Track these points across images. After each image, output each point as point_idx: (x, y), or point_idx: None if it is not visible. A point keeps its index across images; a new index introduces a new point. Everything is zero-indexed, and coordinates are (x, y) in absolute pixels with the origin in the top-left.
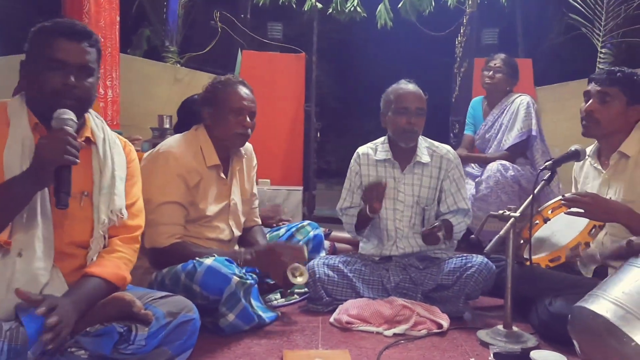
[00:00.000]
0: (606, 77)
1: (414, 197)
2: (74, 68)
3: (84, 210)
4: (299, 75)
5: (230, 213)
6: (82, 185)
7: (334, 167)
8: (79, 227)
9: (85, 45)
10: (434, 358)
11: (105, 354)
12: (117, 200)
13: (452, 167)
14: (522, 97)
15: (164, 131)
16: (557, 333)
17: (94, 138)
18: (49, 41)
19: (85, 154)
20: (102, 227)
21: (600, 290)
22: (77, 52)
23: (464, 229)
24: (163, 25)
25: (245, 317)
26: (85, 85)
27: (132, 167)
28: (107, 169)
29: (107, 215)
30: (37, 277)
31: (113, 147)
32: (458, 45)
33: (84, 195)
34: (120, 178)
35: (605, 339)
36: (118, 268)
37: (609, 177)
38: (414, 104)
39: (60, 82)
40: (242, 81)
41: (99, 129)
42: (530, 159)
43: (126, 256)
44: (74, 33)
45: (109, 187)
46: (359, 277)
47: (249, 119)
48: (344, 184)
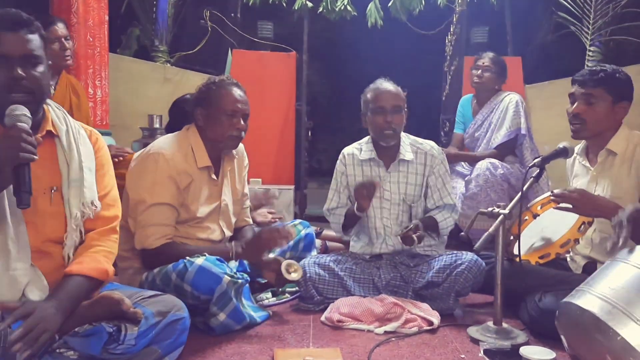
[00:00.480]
0: (589, 78)
1: (399, 195)
2: (18, 60)
3: (55, 205)
4: (290, 74)
5: (221, 214)
6: (50, 181)
7: (325, 166)
8: (51, 223)
9: (24, 33)
10: (424, 355)
11: (95, 354)
12: (88, 192)
13: (437, 163)
14: (511, 95)
15: (154, 131)
16: (547, 329)
17: (56, 130)
18: None
19: (50, 148)
20: (74, 221)
21: (587, 285)
22: (17, 42)
23: (451, 224)
24: (152, 25)
25: (237, 316)
26: (35, 76)
27: (101, 157)
28: (73, 161)
29: (79, 208)
30: (15, 278)
31: (78, 138)
32: (448, 44)
33: (53, 190)
34: (89, 169)
35: (592, 333)
36: (97, 262)
37: (597, 174)
38: (389, 102)
39: (6, 77)
40: (236, 83)
41: (61, 120)
42: (519, 157)
43: (104, 248)
44: (11, 23)
45: (78, 180)
46: (350, 276)
47: (243, 121)
48: None
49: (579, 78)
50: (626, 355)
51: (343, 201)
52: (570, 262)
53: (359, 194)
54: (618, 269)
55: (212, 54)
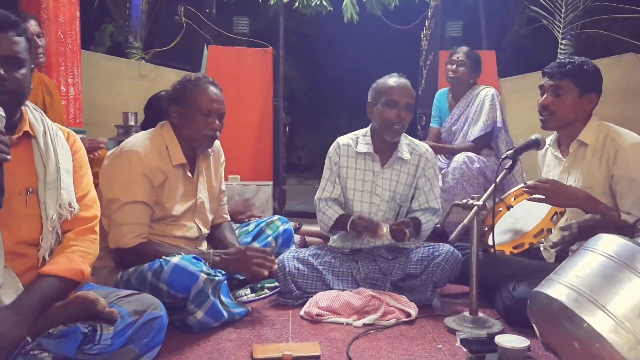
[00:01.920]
0: (557, 70)
1: (390, 193)
2: (1, 60)
3: (30, 207)
4: (267, 69)
5: (196, 212)
6: (25, 182)
7: (304, 161)
8: (27, 225)
9: (11, 35)
10: (402, 346)
11: (70, 355)
12: (65, 194)
13: (428, 166)
14: (487, 89)
15: (129, 129)
16: (521, 317)
17: (33, 132)
18: None
19: (26, 149)
20: (51, 223)
21: (556, 274)
22: (3, 43)
23: (431, 227)
24: (126, 21)
25: (214, 313)
26: (17, 78)
27: (79, 158)
28: (50, 162)
29: (55, 210)
30: None
31: (55, 139)
32: (423, 38)
33: (29, 191)
34: (67, 170)
35: (561, 321)
36: (73, 262)
37: (569, 165)
38: (404, 99)
39: None
40: (212, 81)
41: (38, 121)
42: (495, 149)
43: (81, 249)
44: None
45: (54, 182)
46: (329, 270)
47: (218, 120)
48: (314, 178)
49: (548, 70)
50: (593, 342)
51: (337, 192)
52: (544, 251)
53: (358, 231)
54: (586, 257)
55: (187, 50)
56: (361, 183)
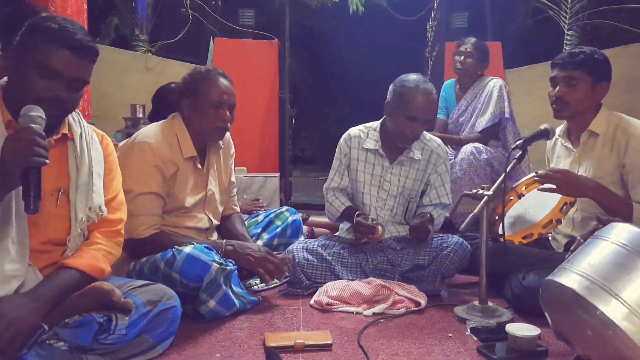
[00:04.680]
0: (569, 60)
1: (399, 188)
2: (68, 81)
3: (60, 208)
4: (272, 62)
5: (207, 204)
6: (57, 182)
7: (308, 154)
8: (55, 225)
9: (87, 60)
10: (413, 335)
11: (85, 344)
12: (96, 197)
13: (440, 162)
14: (495, 80)
15: (137, 121)
16: (531, 306)
17: (71, 134)
18: (50, 48)
19: (62, 150)
20: (80, 225)
21: (568, 263)
22: (77, 67)
23: (442, 221)
24: (132, 14)
25: (226, 302)
26: (75, 99)
27: (110, 161)
28: (84, 165)
29: (85, 213)
30: (9, 279)
31: (90, 142)
32: (429, 30)
33: (60, 192)
34: (98, 174)
35: (573, 310)
36: (95, 259)
37: (579, 155)
38: (426, 116)
39: (51, 93)
40: (222, 73)
41: (77, 123)
42: (503, 140)
43: (105, 248)
44: (79, 47)
45: (86, 185)
46: (338, 260)
47: (229, 112)
48: (318, 170)
49: (559, 61)
50: (605, 330)
51: (345, 183)
52: (553, 241)
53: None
54: (598, 246)
55: (193, 42)
56: (370, 177)
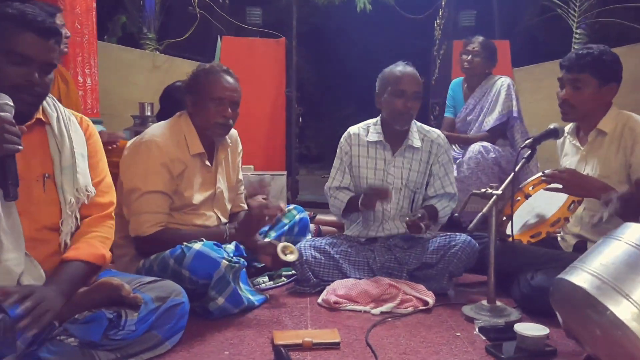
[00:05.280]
0: (575, 62)
1: (402, 181)
2: (38, 65)
3: (48, 193)
4: (279, 60)
5: (215, 201)
6: (42, 168)
7: (314, 152)
8: (46, 210)
9: (52, 42)
10: (421, 334)
11: (95, 340)
12: (81, 178)
13: (441, 152)
14: (503, 79)
15: (146, 118)
16: (539, 306)
17: (46, 118)
18: (14, 33)
19: (40, 135)
20: (69, 207)
21: (580, 262)
22: (45, 49)
23: (448, 213)
24: (140, 12)
25: (235, 300)
26: (46, 82)
27: (93, 143)
28: (65, 147)
29: (73, 194)
30: (9, 268)
31: (69, 124)
32: (437, 28)
33: (46, 177)
34: (82, 155)
35: (583, 309)
36: (94, 247)
37: (587, 154)
38: (411, 88)
39: (23, 79)
40: (226, 70)
41: (51, 107)
42: (510, 139)
43: (100, 234)
44: (44, 29)
45: (70, 166)
46: (345, 258)
47: (231, 109)
48: (324, 169)
49: (566, 63)
50: (615, 330)
51: (346, 181)
52: (561, 240)
53: (369, 199)
54: (611, 246)
55: (200, 41)
56: (373, 172)
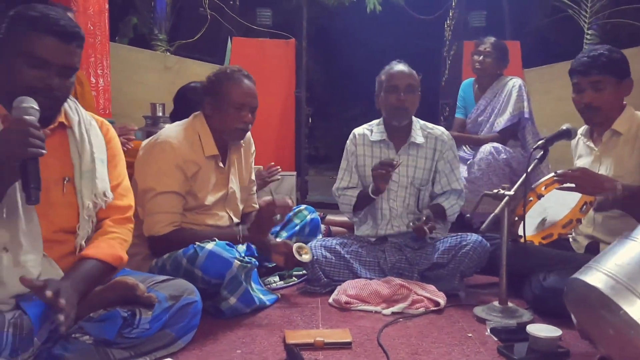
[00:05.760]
0: (592, 65)
1: (408, 178)
2: (58, 69)
3: (67, 196)
4: (289, 61)
5: (228, 201)
6: (62, 171)
7: (322, 153)
8: (64, 213)
9: (74, 46)
10: (432, 334)
11: (109, 338)
12: (100, 183)
13: (446, 148)
14: (514, 80)
15: (157, 119)
16: (551, 307)
17: (68, 122)
18: (33, 36)
19: (61, 139)
20: (87, 211)
21: (595, 262)
22: (65, 53)
23: (457, 210)
24: (151, 13)
25: (247, 299)
26: (67, 86)
27: (112, 147)
28: (85, 152)
29: (91, 199)
30: (27, 269)
31: (90, 129)
32: (447, 29)
33: (66, 180)
34: (101, 160)
35: (597, 308)
36: (113, 248)
37: (601, 154)
38: (403, 82)
39: (41, 82)
40: (247, 75)
41: (73, 111)
42: (522, 140)
43: (120, 236)
44: (64, 33)
45: (90, 171)
46: (356, 258)
47: (250, 114)
48: (332, 169)
49: (581, 68)
50: (628, 330)
51: (354, 181)
52: (573, 242)
53: (378, 174)
54: (626, 246)
55: (211, 42)
56: None
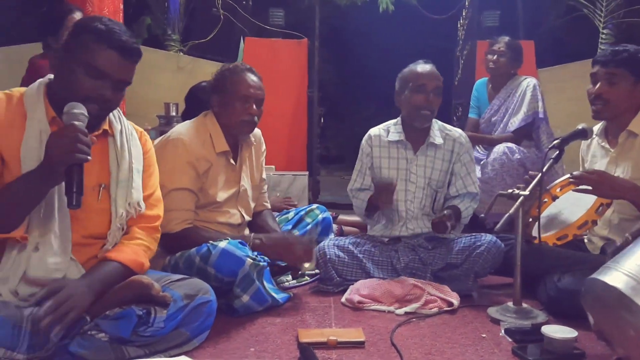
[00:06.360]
0: (612, 58)
1: (425, 179)
2: (114, 82)
3: (101, 202)
4: (301, 61)
5: (239, 199)
6: (98, 178)
7: (333, 153)
8: (96, 219)
9: (132, 62)
10: (446, 335)
11: (125, 336)
12: (135, 193)
13: (463, 150)
14: (529, 79)
15: (171, 119)
16: (566, 308)
17: (111, 130)
18: (98, 48)
19: (103, 146)
20: (119, 220)
21: (614, 262)
22: (123, 69)
23: (471, 213)
24: (164, 14)
25: (259, 298)
26: (118, 98)
27: (149, 158)
28: (124, 161)
29: (124, 208)
30: (52, 272)
31: (130, 138)
32: (460, 28)
33: (102, 187)
34: (138, 170)
35: (616, 309)
36: (136, 254)
37: (617, 156)
38: (431, 83)
39: (97, 93)
40: (250, 68)
41: (117, 120)
42: (536, 140)
43: (145, 243)
44: (126, 49)
45: (126, 180)
46: (369, 258)
47: (256, 106)
48: (343, 170)
49: (602, 59)
50: None
51: (367, 183)
52: (588, 243)
53: (379, 199)
54: None
55: (224, 42)
56: (396, 171)
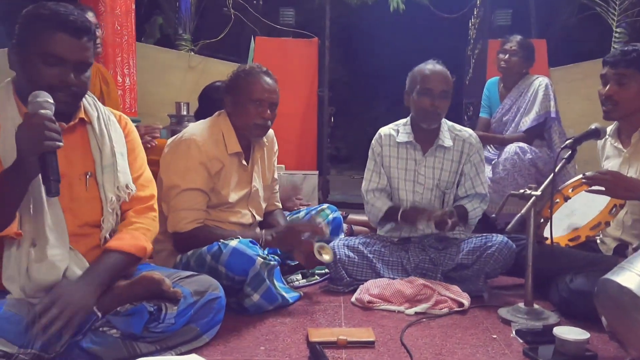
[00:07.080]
0: (621, 59)
1: (434, 180)
2: (73, 65)
3: (90, 190)
4: (312, 60)
5: (251, 199)
6: (84, 167)
7: (343, 152)
8: (88, 208)
9: (85, 40)
10: (456, 335)
11: (136, 332)
12: (122, 176)
13: (473, 151)
14: (541, 79)
15: (182, 118)
16: (578, 310)
17: (88, 118)
18: (46, 34)
19: (83, 135)
20: (110, 205)
21: (628, 263)
22: (78, 49)
23: (479, 214)
24: (175, 13)
25: (270, 297)
26: (83, 81)
27: (131, 140)
28: (105, 147)
29: (113, 192)
30: (54, 263)
31: (109, 123)
32: (471, 27)
33: (88, 175)
34: (121, 154)
35: (629, 310)
36: (136, 239)
37: (630, 156)
38: (439, 86)
39: (57, 79)
40: (266, 71)
41: (92, 107)
42: (548, 140)
43: (143, 226)
44: (75, 29)
45: (111, 165)
46: (379, 258)
47: (270, 110)
48: (353, 169)
49: (610, 59)
50: None
51: (383, 182)
52: (601, 244)
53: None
54: None
55: (234, 41)
56: (404, 172)
